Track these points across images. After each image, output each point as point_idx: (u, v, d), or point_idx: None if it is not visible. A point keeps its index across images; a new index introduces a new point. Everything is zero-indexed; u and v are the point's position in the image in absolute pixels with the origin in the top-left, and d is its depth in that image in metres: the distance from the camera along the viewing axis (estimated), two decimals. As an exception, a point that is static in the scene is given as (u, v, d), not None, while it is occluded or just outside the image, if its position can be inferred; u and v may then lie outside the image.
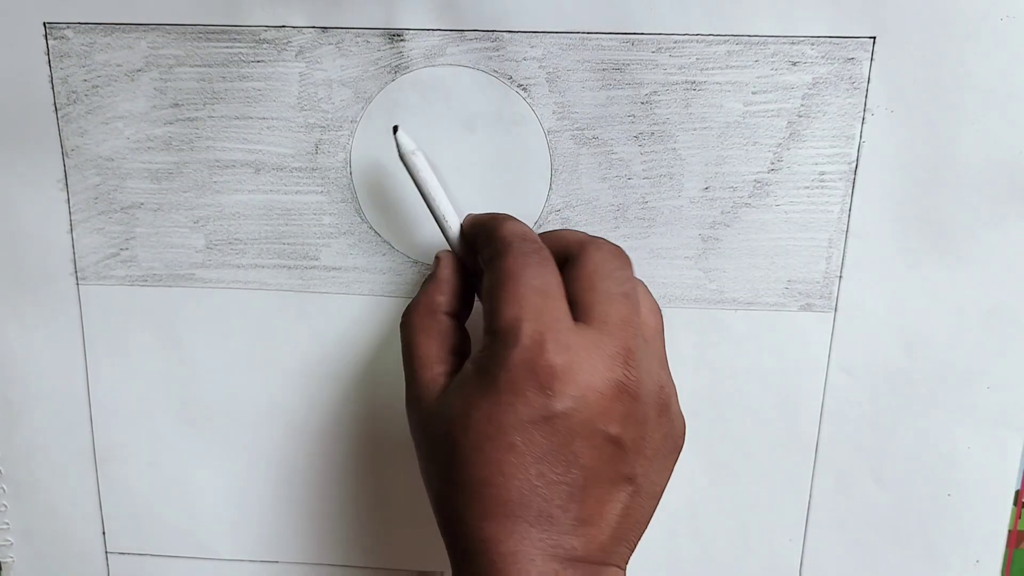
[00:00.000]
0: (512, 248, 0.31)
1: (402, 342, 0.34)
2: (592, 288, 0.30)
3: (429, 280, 0.35)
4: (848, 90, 0.36)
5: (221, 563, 0.44)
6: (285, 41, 0.36)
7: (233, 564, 0.44)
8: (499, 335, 0.29)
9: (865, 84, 0.35)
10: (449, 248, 0.36)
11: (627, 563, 0.32)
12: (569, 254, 0.32)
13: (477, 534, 0.29)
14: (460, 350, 0.34)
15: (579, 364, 0.29)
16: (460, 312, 0.34)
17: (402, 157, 0.35)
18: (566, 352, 0.28)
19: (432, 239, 0.38)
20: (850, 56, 0.35)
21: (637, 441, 0.30)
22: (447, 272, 0.34)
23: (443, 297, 0.34)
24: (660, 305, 0.39)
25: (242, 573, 0.44)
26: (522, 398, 0.28)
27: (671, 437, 0.32)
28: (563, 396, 0.28)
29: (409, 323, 0.34)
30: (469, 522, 0.29)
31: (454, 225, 0.35)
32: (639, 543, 0.32)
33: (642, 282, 0.33)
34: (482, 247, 0.33)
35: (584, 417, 0.29)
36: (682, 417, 0.33)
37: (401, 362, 0.40)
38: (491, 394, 0.29)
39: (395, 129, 0.35)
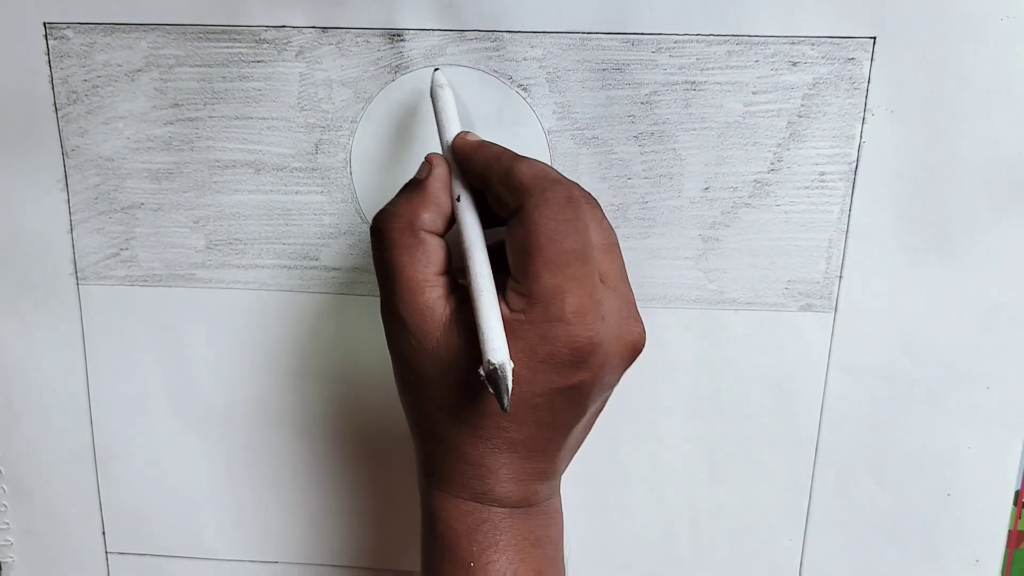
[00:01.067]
0: (549, 201, 0.29)
1: (380, 256, 0.31)
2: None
3: (414, 189, 0.32)
4: (848, 90, 0.36)
5: (220, 563, 0.44)
6: (285, 41, 0.36)
7: (232, 564, 0.44)
8: (540, 304, 0.29)
9: (865, 84, 0.35)
10: (452, 145, 0.33)
11: None
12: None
13: (477, 461, 0.31)
14: (445, 268, 0.31)
15: (609, 333, 0.30)
16: (443, 231, 0.32)
17: (432, 90, 0.34)
18: (602, 324, 0.29)
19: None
20: (850, 56, 0.35)
21: (620, 378, 0.32)
22: (437, 187, 0.32)
23: (429, 214, 0.31)
24: (659, 306, 0.39)
25: (241, 573, 0.44)
26: (558, 371, 0.29)
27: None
28: (592, 367, 0.29)
29: (388, 237, 0.31)
30: (470, 453, 0.31)
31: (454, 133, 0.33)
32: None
33: (593, 199, 0.32)
34: (501, 189, 0.30)
35: (602, 381, 0.30)
36: None
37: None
38: (527, 360, 0.29)
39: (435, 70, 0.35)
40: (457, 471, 0.31)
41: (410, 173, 0.37)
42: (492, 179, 0.31)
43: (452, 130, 0.33)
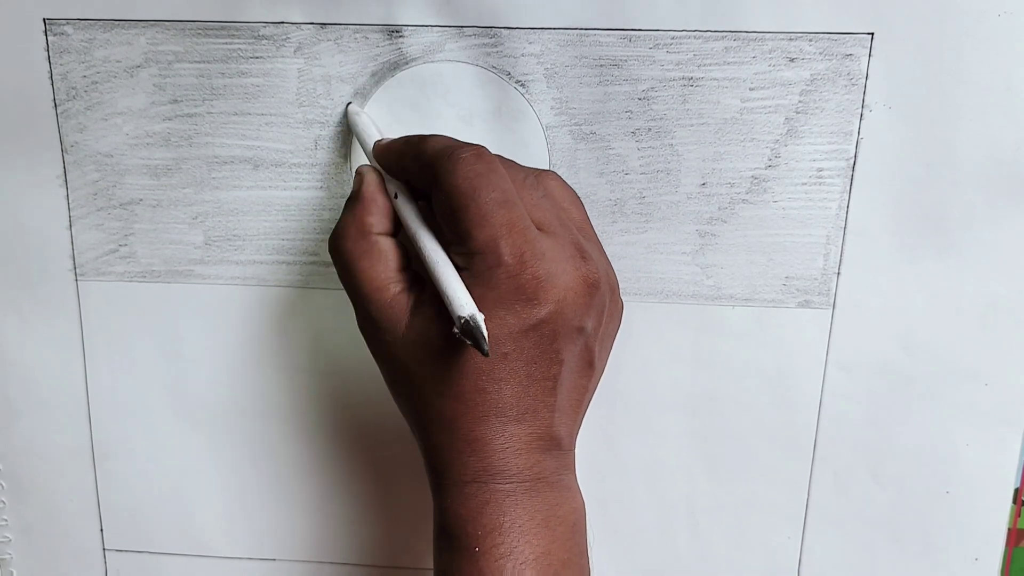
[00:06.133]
0: (457, 161, 0.30)
1: (341, 270, 0.33)
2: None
3: (354, 201, 0.34)
4: (846, 86, 0.36)
5: (218, 560, 0.44)
6: (284, 37, 0.36)
7: (230, 561, 0.44)
8: (477, 256, 0.30)
9: (863, 80, 0.35)
10: (368, 163, 0.35)
11: None
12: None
13: (469, 435, 0.31)
14: (403, 265, 0.33)
15: (554, 268, 0.30)
16: (391, 231, 0.33)
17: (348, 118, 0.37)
18: (543, 260, 0.30)
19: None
20: (848, 52, 0.35)
21: (597, 328, 0.32)
22: (372, 189, 0.34)
23: (373, 218, 0.33)
24: (657, 302, 0.39)
25: (239, 570, 0.44)
26: (512, 312, 0.30)
27: (616, 318, 0.35)
28: (547, 302, 0.30)
29: (344, 249, 0.33)
30: (462, 426, 0.31)
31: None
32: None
33: (551, 172, 0.35)
34: (416, 170, 0.32)
35: (564, 316, 0.31)
36: (622, 300, 0.35)
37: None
38: (482, 311, 0.29)
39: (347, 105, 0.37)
40: (454, 452, 0.32)
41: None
42: (408, 164, 0.33)
43: (371, 141, 0.35)
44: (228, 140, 0.38)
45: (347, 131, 0.37)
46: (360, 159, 0.38)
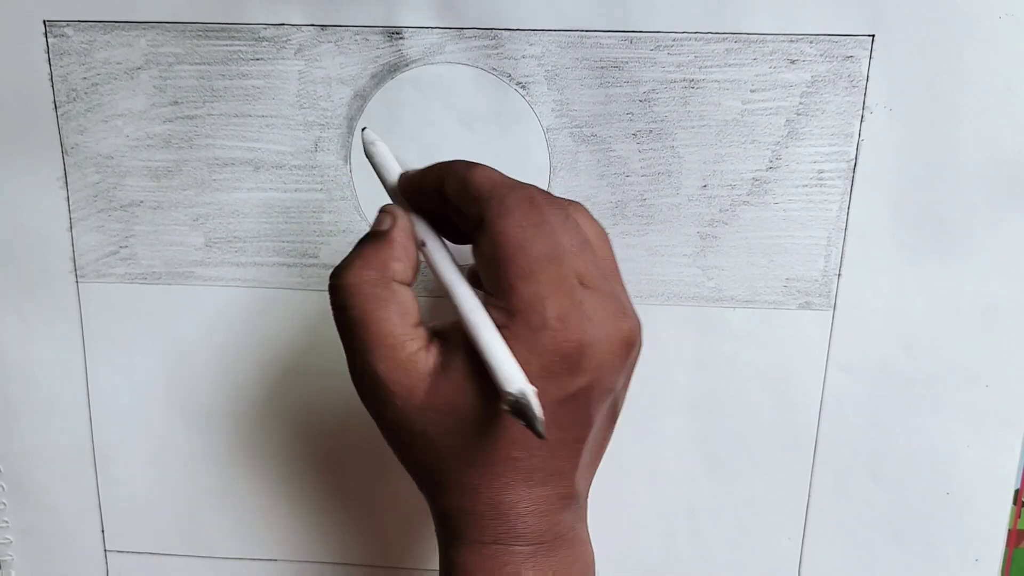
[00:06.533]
0: (508, 205, 0.28)
1: (349, 314, 0.29)
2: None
3: (378, 240, 0.30)
4: (847, 88, 0.36)
5: (219, 561, 0.44)
6: (284, 39, 0.36)
7: (231, 562, 0.44)
8: (521, 315, 0.27)
9: (864, 82, 0.35)
10: (400, 183, 0.31)
11: None
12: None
13: (494, 500, 0.29)
14: (419, 319, 0.30)
15: (598, 333, 0.28)
16: (411, 281, 0.30)
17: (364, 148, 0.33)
18: (589, 324, 0.28)
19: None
20: (849, 54, 0.35)
21: (627, 385, 0.31)
22: (402, 235, 0.30)
23: (400, 265, 0.29)
24: (658, 303, 0.39)
25: (240, 571, 0.44)
26: (553, 380, 0.27)
27: (637, 357, 0.32)
28: (588, 370, 0.28)
29: (359, 291, 0.29)
30: (486, 492, 0.29)
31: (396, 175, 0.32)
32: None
33: (577, 204, 0.31)
34: (460, 201, 0.29)
35: (602, 384, 0.29)
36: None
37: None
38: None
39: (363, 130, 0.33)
40: (474, 517, 0.30)
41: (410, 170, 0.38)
42: (450, 193, 0.29)
43: (395, 175, 0.31)
44: (229, 142, 0.38)
45: (347, 133, 0.37)
46: (359, 159, 0.38)
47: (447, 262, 0.29)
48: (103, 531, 0.44)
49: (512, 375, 0.26)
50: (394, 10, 0.36)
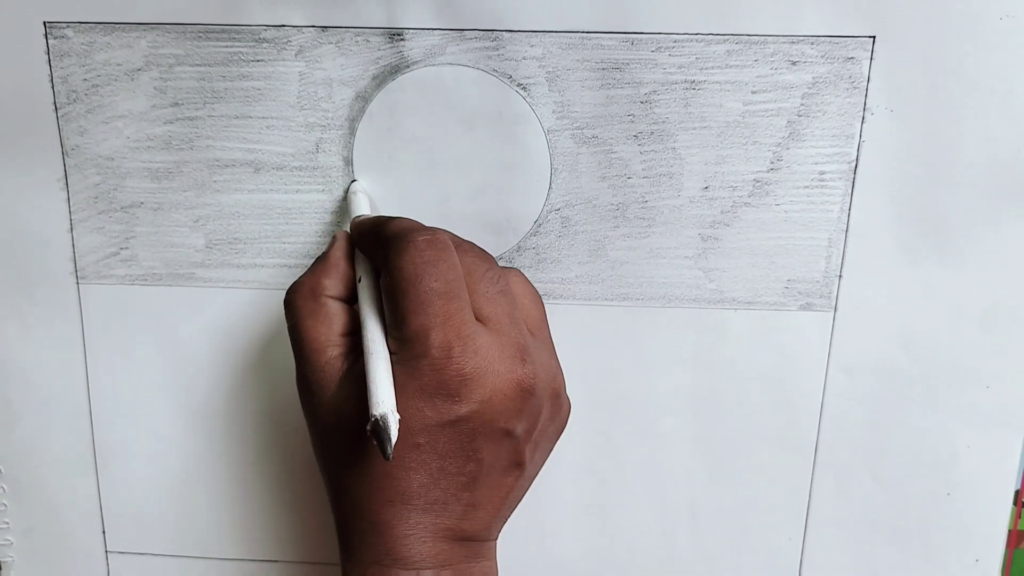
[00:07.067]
0: (408, 244, 0.30)
1: (288, 323, 0.33)
2: (473, 291, 0.31)
3: (319, 260, 0.34)
4: (848, 89, 0.36)
5: (220, 562, 0.44)
6: (285, 40, 0.36)
7: (232, 563, 0.44)
8: (407, 343, 0.30)
9: (865, 83, 0.35)
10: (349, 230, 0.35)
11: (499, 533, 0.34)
12: None
13: (374, 518, 0.31)
14: (348, 330, 0.33)
15: (485, 368, 0.30)
16: (346, 296, 0.34)
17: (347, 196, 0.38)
18: (474, 357, 0.29)
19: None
20: (850, 55, 0.35)
21: (530, 432, 0.32)
22: (338, 255, 0.34)
23: (330, 280, 0.33)
24: (659, 305, 0.39)
25: (241, 572, 0.44)
26: (431, 405, 0.29)
27: (557, 421, 0.34)
28: (470, 401, 0.30)
29: (294, 305, 0.33)
30: (367, 507, 0.31)
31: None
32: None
33: (515, 270, 0.34)
34: (373, 248, 0.32)
35: (487, 418, 0.30)
36: (568, 401, 0.34)
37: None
38: (400, 399, 0.29)
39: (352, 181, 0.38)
40: (357, 533, 0.31)
41: (412, 172, 0.38)
42: (368, 242, 0.33)
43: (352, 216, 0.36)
44: (229, 143, 0.38)
45: (348, 134, 0.37)
46: (361, 160, 0.38)
47: (369, 298, 0.32)
48: (104, 532, 0.44)
49: (381, 399, 0.28)
50: (395, 11, 0.36)
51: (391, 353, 0.30)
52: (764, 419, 0.40)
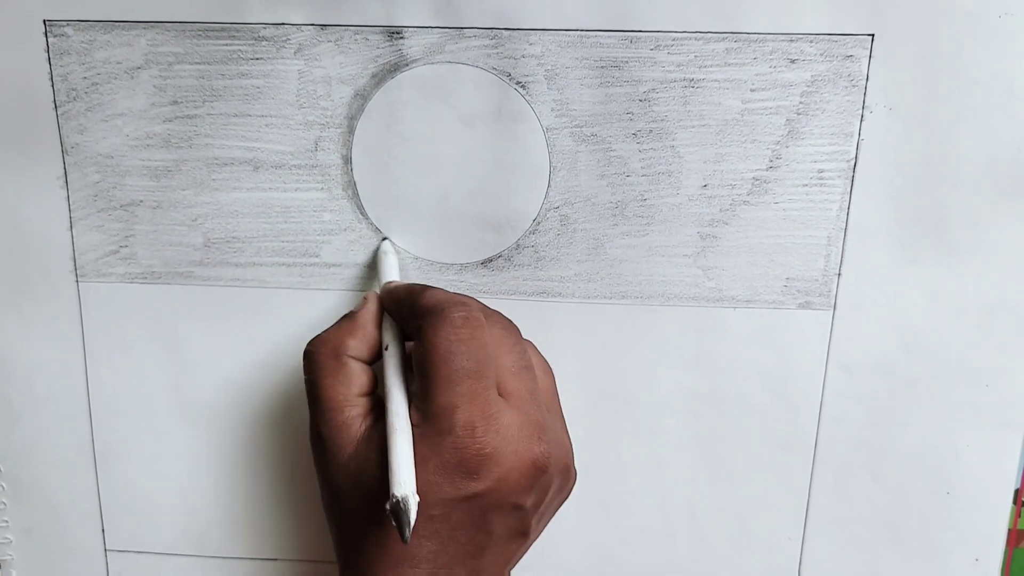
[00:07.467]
0: (443, 321, 0.31)
1: (307, 378, 0.34)
2: (498, 365, 0.32)
3: (346, 319, 0.35)
4: (847, 87, 0.36)
5: (219, 560, 0.44)
6: (284, 38, 0.36)
7: (232, 561, 0.44)
8: (432, 418, 0.30)
9: (864, 81, 0.35)
10: (380, 292, 0.36)
11: None
12: None
13: None
14: (367, 390, 0.34)
15: (504, 447, 0.30)
16: (368, 358, 0.34)
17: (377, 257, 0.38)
18: (495, 436, 0.30)
19: (432, 234, 0.38)
20: (849, 53, 0.35)
21: (538, 505, 0.33)
22: (367, 318, 0.34)
23: (354, 341, 0.34)
24: (658, 304, 0.39)
25: (241, 570, 0.44)
26: (449, 480, 0.30)
27: (564, 491, 0.35)
28: (486, 479, 0.30)
29: (315, 360, 0.33)
30: (374, 567, 0.31)
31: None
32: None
33: (529, 342, 0.35)
34: (407, 317, 0.33)
35: (501, 494, 0.31)
36: (576, 472, 0.35)
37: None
38: (420, 472, 0.30)
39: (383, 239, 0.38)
40: None
41: (411, 170, 0.38)
42: (403, 311, 0.33)
43: (384, 282, 0.36)
44: (228, 141, 0.38)
45: (347, 132, 0.37)
46: (360, 158, 0.38)
47: (396, 367, 0.33)
48: (103, 531, 0.44)
49: (403, 480, 0.29)
50: (394, 9, 0.36)
51: (413, 425, 0.31)
52: (763, 418, 0.40)
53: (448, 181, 0.38)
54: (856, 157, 0.36)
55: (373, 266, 0.39)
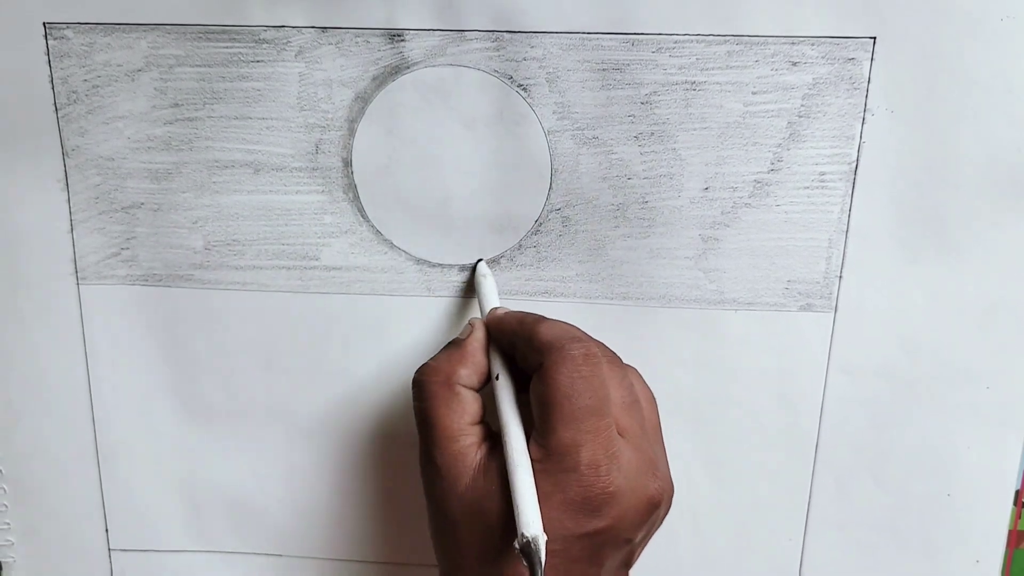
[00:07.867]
0: (565, 358, 0.31)
1: (418, 408, 0.34)
2: (611, 402, 0.32)
3: (454, 347, 0.35)
4: (848, 90, 0.36)
5: (224, 555, 0.44)
6: (285, 41, 0.36)
7: (234, 557, 0.44)
8: (555, 455, 0.30)
9: (865, 84, 0.35)
10: (485, 320, 0.36)
11: None
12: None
13: None
14: (478, 419, 0.34)
15: (625, 484, 0.31)
16: (478, 386, 0.34)
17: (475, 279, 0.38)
18: (619, 475, 0.30)
19: (434, 237, 0.38)
20: (850, 56, 0.35)
21: (646, 539, 0.33)
22: (475, 347, 0.34)
23: (465, 371, 0.34)
24: (659, 306, 0.39)
25: (243, 567, 0.44)
26: (572, 518, 0.30)
27: (662, 520, 0.34)
28: (607, 516, 0.30)
29: (427, 390, 0.33)
30: None
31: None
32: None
33: (633, 369, 0.35)
34: (524, 351, 0.33)
35: (617, 531, 0.31)
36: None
37: (401, 362, 0.40)
38: (544, 508, 0.30)
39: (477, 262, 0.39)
40: None
41: (412, 173, 0.38)
42: (518, 343, 0.33)
43: (488, 307, 0.36)
44: (229, 144, 0.38)
45: (348, 135, 0.37)
46: (361, 161, 0.38)
47: (509, 399, 0.33)
48: (107, 530, 0.44)
49: (530, 519, 0.29)
50: (395, 12, 0.36)
51: (534, 460, 0.31)
52: (764, 420, 0.40)
53: (449, 184, 0.38)
54: (857, 160, 0.36)
55: (471, 288, 0.39)
